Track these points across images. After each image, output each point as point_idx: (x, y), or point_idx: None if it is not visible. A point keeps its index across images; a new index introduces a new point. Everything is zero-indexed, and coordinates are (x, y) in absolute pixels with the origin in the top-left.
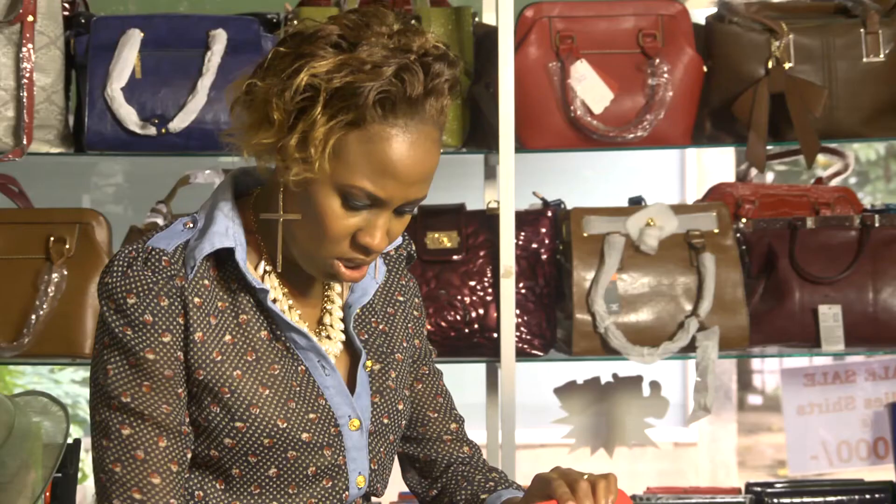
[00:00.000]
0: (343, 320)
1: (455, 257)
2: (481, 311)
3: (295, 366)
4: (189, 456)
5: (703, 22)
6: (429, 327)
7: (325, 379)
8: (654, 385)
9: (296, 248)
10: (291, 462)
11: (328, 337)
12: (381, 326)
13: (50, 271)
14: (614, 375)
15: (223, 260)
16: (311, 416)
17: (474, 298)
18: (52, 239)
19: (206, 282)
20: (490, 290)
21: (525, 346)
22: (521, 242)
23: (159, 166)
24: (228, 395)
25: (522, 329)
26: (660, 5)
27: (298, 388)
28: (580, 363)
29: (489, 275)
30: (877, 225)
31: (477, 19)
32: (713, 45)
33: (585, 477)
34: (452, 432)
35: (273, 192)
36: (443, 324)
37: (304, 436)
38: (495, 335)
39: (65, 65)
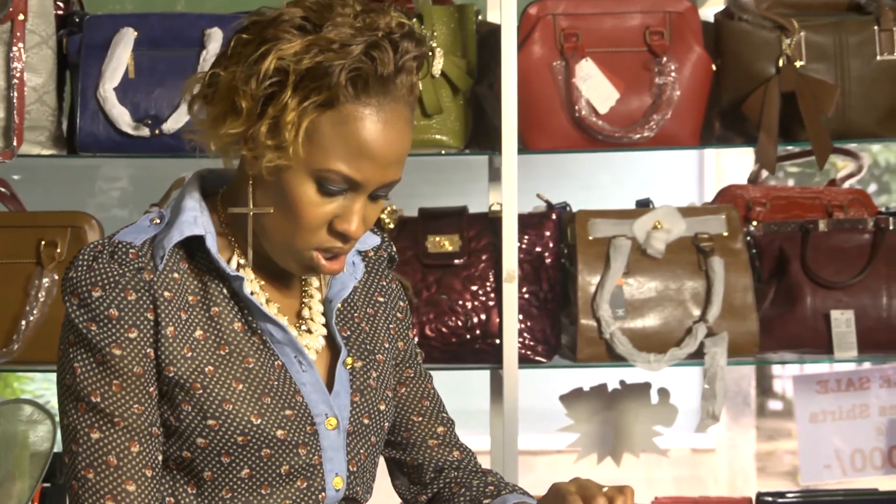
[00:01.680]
0: (325, 315)
1: (456, 261)
2: (483, 317)
3: (271, 360)
4: (161, 458)
5: (711, 19)
6: (429, 333)
7: (302, 375)
8: (663, 392)
9: (269, 242)
10: (265, 461)
11: (308, 331)
12: (362, 325)
13: (41, 276)
14: (622, 382)
15: (193, 251)
16: (288, 412)
17: (476, 304)
18: (43, 243)
19: (176, 275)
20: (492, 295)
21: (528, 353)
22: (524, 246)
23: (164, 169)
24: (201, 392)
25: (525, 335)
26: (667, 2)
27: (276, 384)
28: (588, 369)
29: (492, 279)
30: (891, 228)
31: (480, 17)
32: (722, 42)
33: (604, 490)
34: (439, 436)
35: (241, 188)
36: (444, 329)
37: (280, 433)
38: (498, 341)
39: (57, 65)
